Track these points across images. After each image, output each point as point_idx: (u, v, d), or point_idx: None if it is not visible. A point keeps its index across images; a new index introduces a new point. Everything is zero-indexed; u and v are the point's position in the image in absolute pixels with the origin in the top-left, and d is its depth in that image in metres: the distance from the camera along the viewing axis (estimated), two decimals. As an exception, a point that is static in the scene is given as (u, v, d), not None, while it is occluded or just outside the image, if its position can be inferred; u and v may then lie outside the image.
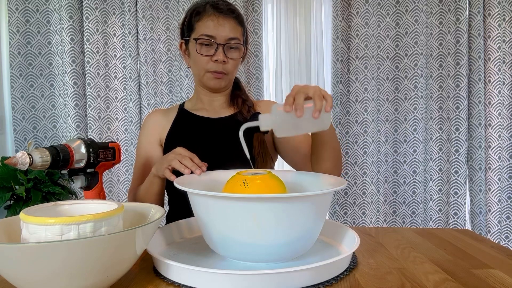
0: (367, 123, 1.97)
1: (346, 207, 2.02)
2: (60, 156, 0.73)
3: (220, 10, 0.99)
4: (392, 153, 2.03)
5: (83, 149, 0.77)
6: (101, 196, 0.83)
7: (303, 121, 0.68)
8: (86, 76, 1.93)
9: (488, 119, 1.94)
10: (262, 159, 1.00)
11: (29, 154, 0.69)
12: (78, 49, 1.93)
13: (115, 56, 1.99)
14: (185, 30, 1.05)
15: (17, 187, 1.75)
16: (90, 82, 1.93)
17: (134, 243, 0.53)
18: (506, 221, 1.95)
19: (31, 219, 0.52)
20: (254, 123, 0.71)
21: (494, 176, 1.94)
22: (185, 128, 1.08)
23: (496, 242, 1.15)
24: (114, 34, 1.98)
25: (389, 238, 0.83)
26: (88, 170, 0.80)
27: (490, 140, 1.93)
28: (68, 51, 1.90)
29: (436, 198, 1.94)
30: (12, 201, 1.76)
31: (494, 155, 1.93)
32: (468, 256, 0.72)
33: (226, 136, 1.02)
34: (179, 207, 1.05)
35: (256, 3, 1.94)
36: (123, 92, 2.00)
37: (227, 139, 1.01)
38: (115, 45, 1.98)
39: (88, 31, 1.92)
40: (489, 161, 1.94)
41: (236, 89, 1.13)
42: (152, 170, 0.91)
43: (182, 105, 1.15)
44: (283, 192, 0.67)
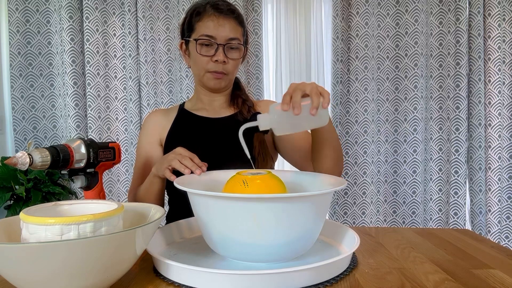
0: (367, 123, 1.97)
1: (346, 207, 2.02)
2: (60, 156, 0.73)
3: (220, 10, 0.99)
4: (392, 153, 2.03)
5: (83, 149, 0.77)
6: (101, 196, 0.83)
7: (301, 119, 0.68)
8: (86, 76, 1.93)
9: (488, 119, 1.94)
10: (263, 159, 1.01)
11: (29, 154, 0.69)
12: (78, 49, 1.93)
13: (115, 56, 1.99)
14: (185, 30, 1.05)
15: (17, 187, 1.75)
16: (90, 82, 1.93)
17: (134, 243, 0.53)
18: (506, 221, 1.95)
19: (31, 219, 0.52)
20: (253, 123, 0.71)
21: (494, 176, 1.94)
22: (185, 128, 1.08)
23: (496, 242, 1.15)
24: (114, 34, 1.98)
25: (389, 238, 0.83)
26: (88, 170, 0.80)
27: (490, 140, 1.93)
28: (68, 51, 1.90)
29: (436, 198, 1.94)
30: (12, 201, 1.76)
31: (494, 155, 1.93)
32: (468, 256, 0.72)
33: (226, 136, 1.02)
34: (179, 207, 1.05)
35: (256, 3, 1.94)
36: (123, 92, 2.00)
37: (227, 139, 1.01)
38: (115, 45, 1.98)
39: (88, 31, 1.92)
40: (489, 161, 1.94)
41: (236, 89, 1.13)
42: (152, 170, 0.91)
43: (182, 105, 1.15)
44: (283, 192, 0.67)
